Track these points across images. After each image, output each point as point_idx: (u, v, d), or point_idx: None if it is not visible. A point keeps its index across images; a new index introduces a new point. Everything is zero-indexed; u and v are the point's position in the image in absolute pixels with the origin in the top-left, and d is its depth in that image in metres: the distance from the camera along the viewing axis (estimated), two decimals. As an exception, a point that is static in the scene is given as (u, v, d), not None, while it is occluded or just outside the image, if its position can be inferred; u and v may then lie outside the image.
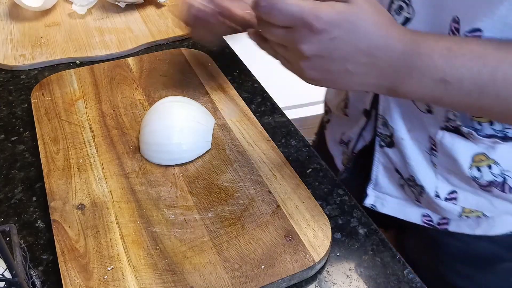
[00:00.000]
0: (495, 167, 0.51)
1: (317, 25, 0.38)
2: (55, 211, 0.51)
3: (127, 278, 0.45)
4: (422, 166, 0.56)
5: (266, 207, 0.52)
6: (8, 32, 0.85)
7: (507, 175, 0.51)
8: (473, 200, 0.55)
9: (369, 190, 0.63)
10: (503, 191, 0.52)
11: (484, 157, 0.51)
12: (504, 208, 0.55)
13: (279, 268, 0.46)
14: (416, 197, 0.59)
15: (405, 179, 0.59)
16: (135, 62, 0.75)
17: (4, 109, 0.70)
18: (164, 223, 0.50)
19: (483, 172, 0.51)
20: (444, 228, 0.60)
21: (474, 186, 0.54)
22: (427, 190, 0.57)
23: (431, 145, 0.54)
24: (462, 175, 0.53)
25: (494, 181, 0.52)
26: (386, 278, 0.48)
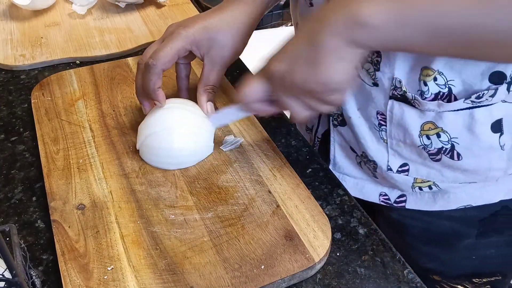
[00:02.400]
0: (443, 135, 0.52)
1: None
2: (55, 211, 0.51)
3: (127, 278, 0.45)
4: (372, 142, 0.57)
5: (266, 207, 0.52)
6: (8, 32, 0.85)
7: (455, 141, 0.52)
8: (424, 171, 0.56)
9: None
10: (452, 157, 0.53)
11: (432, 125, 0.52)
12: (453, 177, 0.56)
13: (279, 268, 0.46)
14: (372, 172, 0.60)
15: (359, 156, 0.60)
16: (135, 62, 0.75)
17: (4, 109, 0.70)
18: (164, 223, 0.50)
19: (432, 140, 0.53)
20: (402, 205, 0.61)
21: (424, 156, 0.55)
22: (380, 164, 0.58)
23: (379, 120, 0.55)
24: (413, 145, 0.54)
25: (443, 148, 0.53)
26: (386, 278, 0.48)
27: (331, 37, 0.41)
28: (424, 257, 0.66)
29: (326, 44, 0.41)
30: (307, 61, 0.43)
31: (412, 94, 0.50)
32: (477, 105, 0.49)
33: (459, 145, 0.52)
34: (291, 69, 0.44)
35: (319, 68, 0.42)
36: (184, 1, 0.95)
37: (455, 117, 0.51)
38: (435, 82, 0.49)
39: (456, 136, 0.52)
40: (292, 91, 0.46)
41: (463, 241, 0.63)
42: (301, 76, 0.43)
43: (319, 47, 0.42)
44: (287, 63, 0.45)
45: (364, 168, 0.61)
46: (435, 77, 0.49)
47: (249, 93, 0.49)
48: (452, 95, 0.50)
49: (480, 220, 0.61)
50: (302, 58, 0.43)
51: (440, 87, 0.49)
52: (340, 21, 0.40)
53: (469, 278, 0.65)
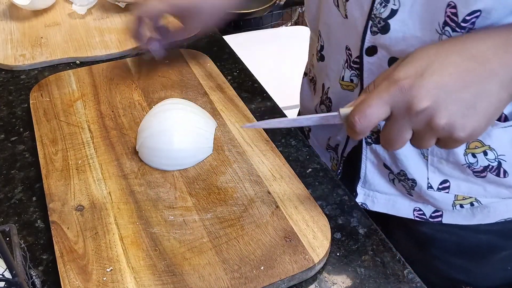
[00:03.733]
0: (490, 153, 0.51)
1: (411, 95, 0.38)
2: (54, 212, 0.51)
3: (126, 279, 0.45)
4: (412, 159, 0.55)
5: (266, 208, 0.52)
6: (8, 32, 0.85)
7: (502, 159, 0.51)
8: (465, 188, 0.55)
9: (358, 188, 0.63)
10: (498, 175, 0.52)
11: (479, 144, 0.50)
12: (496, 192, 0.54)
13: (279, 269, 0.46)
14: (407, 190, 0.59)
15: (395, 174, 0.59)
16: (134, 62, 0.75)
17: (4, 109, 0.70)
18: (163, 224, 0.50)
19: (478, 158, 0.51)
20: (438, 220, 0.60)
21: (467, 173, 0.54)
22: (419, 182, 0.56)
23: None
24: (456, 163, 0.53)
25: (489, 166, 0.52)
26: (386, 278, 0.48)
27: (501, 90, 0.38)
28: (453, 269, 0.64)
29: (495, 96, 0.38)
30: (468, 106, 0.38)
31: None
32: None
33: (506, 162, 0.51)
34: (443, 109, 0.38)
35: (480, 118, 0.38)
36: (184, 1, 0.95)
37: (503, 134, 0.50)
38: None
39: (503, 153, 0.50)
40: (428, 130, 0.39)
41: (500, 253, 0.61)
42: (455, 121, 0.38)
43: (487, 97, 0.38)
44: (438, 100, 0.38)
45: (397, 185, 0.60)
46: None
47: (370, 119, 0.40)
48: (503, 115, 0.49)
49: None
50: (461, 102, 0.38)
51: None
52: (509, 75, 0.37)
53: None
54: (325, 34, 0.60)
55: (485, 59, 0.38)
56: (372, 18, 0.50)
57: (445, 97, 0.38)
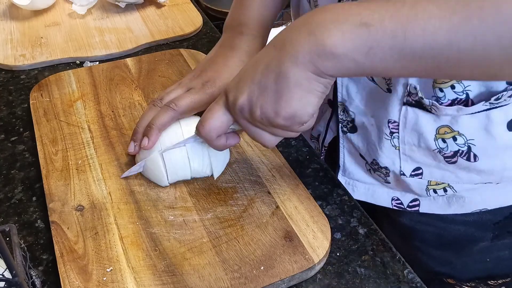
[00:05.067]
0: (460, 138, 0.52)
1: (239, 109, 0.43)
2: (54, 212, 0.51)
3: (126, 279, 0.45)
4: (384, 149, 0.56)
5: (266, 208, 0.52)
6: (8, 32, 0.85)
7: (472, 143, 0.52)
8: (438, 174, 0.56)
9: (339, 176, 0.64)
10: (468, 159, 0.53)
11: (448, 129, 0.51)
12: (468, 178, 0.55)
13: (279, 269, 0.46)
14: (383, 179, 0.60)
15: (369, 163, 0.60)
16: (134, 62, 0.75)
17: (4, 109, 0.70)
18: (163, 224, 0.50)
19: (448, 143, 0.52)
20: (415, 210, 0.61)
21: (438, 159, 0.54)
22: (392, 170, 0.57)
23: (391, 129, 0.54)
24: (427, 149, 0.54)
25: (459, 151, 0.52)
26: (386, 278, 0.48)
27: (297, 69, 0.39)
28: (435, 261, 0.65)
29: (292, 76, 0.39)
30: (272, 94, 0.40)
31: (429, 101, 0.50)
32: (493, 106, 0.49)
33: (475, 146, 0.52)
34: (255, 102, 0.42)
35: (286, 102, 0.40)
36: (184, 1, 0.95)
37: (471, 119, 0.50)
38: (452, 90, 0.49)
39: (473, 137, 0.51)
40: (258, 123, 0.43)
41: (478, 244, 0.62)
42: (267, 111, 0.41)
43: (284, 79, 0.39)
44: (249, 95, 0.42)
45: (374, 175, 0.61)
46: (452, 85, 0.48)
47: (213, 128, 0.46)
48: (469, 100, 0.49)
49: (495, 223, 0.60)
50: (266, 91, 0.41)
51: (457, 94, 0.49)
52: (306, 52, 0.38)
53: (484, 281, 0.65)
54: None
55: (283, 45, 0.40)
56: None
57: (255, 90, 0.41)
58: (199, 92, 0.56)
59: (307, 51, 0.38)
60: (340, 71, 0.38)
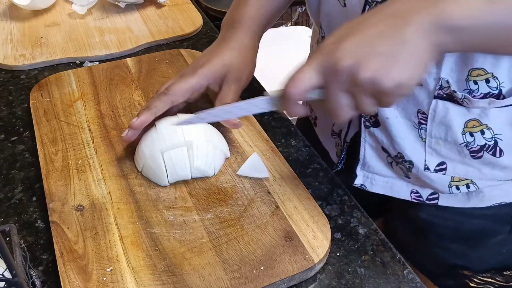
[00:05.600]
0: (487, 132, 0.51)
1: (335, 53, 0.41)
2: (54, 212, 0.51)
3: (126, 279, 0.45)
4: (410, 141, 0.56)
5: (266, 208, 0.52)
6: (8, 32, 0.85)
7: (498, 138, 0.52)
8: (462, 170, 0.56)
9: (358, 170, 0.63)
10: (494, 154, 0.53)
11: (477, 123, 0.51)
12: (492, 175, 0.55)
13: (279, 269, 0.46)
14: (405, 173, 0.60)
15: (393, 157, 0.59)
16: (134, 62, 0.75)
17: (4, 109, 0.70)
18: (163, 224, 0.50)
19: (475, 137, 0.52)
20: (434, 203, 0.60)
21: (464, 154, 0.54)
22: (416, 164, 0.57)
23: (420, 119, 0.54)
24: (454, 143, 0.54)
25: (486, 145, 0.52)
26: (386, 278, 0.48)
27: (419, 37, 0.38)
28: (451, 254, 0.65)
29: (414, 43, 0.38)
30: (388, 57, 0.39)
31: (462, 94, 0.49)
32: None
33: (502, 141, 0.52)
34: (365, 63, 0.39)
35: (402, 68, 0.39)
36: (184, 1, 0.95)
37: (500, 113, 0.50)
38: (487, 84, 0.49)
39: (500, 132, 0.52)
40: (356, 89, 0.41)
41: (495, 237, 0.63)
42: (377, 73, 0.39)
43: (405, 45, 0.38)
44: (359, 56, 0.40)
45: (395, 168, 0.60)
46: (487, 79, 0.48)
47: (303, 88, 0.43)
48: (501, 95, 0.49)
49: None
50: (381, 54, 0.39)
51: (491, 88, 0.49)
52: (429, 22, 0.38)
53: (499, 272, 0.65)
54: (325, 25, 0.61)
55: (402, 14, 0.39)
56: (369, 3, 0.50)
57: (366, 53, 0.39)
58: (190, 76, 0.58)
59: (431, 21, 0.38)
60: (458, 45, 0.39)
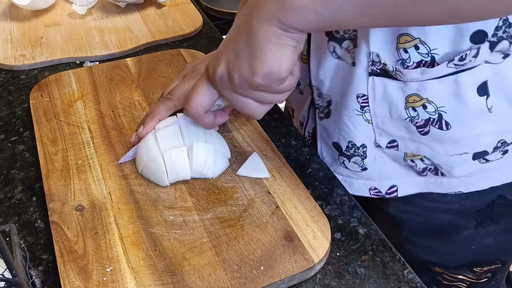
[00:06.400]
0: (429, 106, 0.51)
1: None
2: (54, 212, 0.51)
3: (126, 279, 0.45)
4: (358, 126, 0.56)
5: (266, 208, 0.52)
6: (8, 32, 0.85)
7: (442, 111, 0.51)
8: (413, 147, 0.56)
9: None
10: (440, 128, 0.52)
11: (417, 97, 0.51)
12: (444, 151, 0.55)
13: (279, 269, 0.46)
14: (360, 165, 0.60)
15: (344, 150, 0.59)
16: (134, 62, 0.75)
17: (4, 109, 0.70)
18: (163, 224, 0.50)
19: (418, 112, 0.52)
20: (394, 195, 0.61)
21: (411, 131, 0.54)
22: (369, 145, 0.57)
23: (361, 104, 0.54)
24: (399, 119, 0.53)
25: (430, 119, 0.52)
26: (386, 278, 0.48)
27: (264, 26, 0.40)
28: (422, 250, 0.66)
29: (261, 34, 0.40)
30: (246, 55, 0.42)
31: (392, 66, 0.49)
32: (460, 69, 0.48)
33: (446, 113, 0.51)
34: (232, 67, 0.43)
35: (261, 60, 0.41)
36: (184, 1, 0.95)
37: (439, 85, 0.50)
38: (417, 51, 0.48)
39: (443, 104, 0.51)
40: (239, 89, 0.44)
41: (462, 232, 0.63)
42: (244, 72, 0.42)
43: (254, 38, 0.41)
44: (226, 62, 0.44)
45: (350, 165, 0.61)
46: (416, 45, 0.48)
47: (199, 103, 0.48)
48: (434, 63, 0.49)
49: (477, 211, 0.61)
50: (240, 54, 0.42)
51: (422, 56, 0.48)
52: (269, 8, 0.40)
53: (470, 268, 0.66)
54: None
55: (250, 8, 0.42)
56: None
57: (230, 56, 0.43)
58: (190, 78, 0.58)
59: (271, 7, 0.40)
60: (304, 24, 0.40)
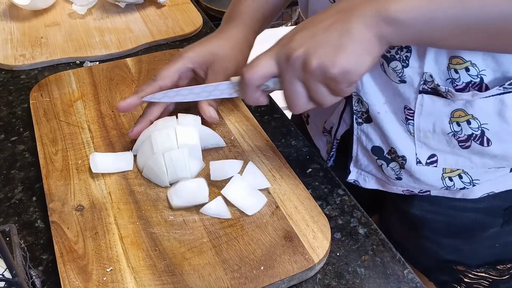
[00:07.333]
0: (474, 122, 0.52)
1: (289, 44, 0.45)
2: (54, 212, 0.51)
3: (126, 279, 0.45)
4: (400, 136, 0.57)
5: (266, 208, 0.52)
6: (8, 32, 0.85)
7: (485, 128, 0.52)
8: (452, 160, 0.56)
9: (351, 167, 0.64)
10: (481, 144, 0.53)
11: (463, 113, 0.52)
12: (482, 163, 0.56)
13: (279, 269, 0.46)
14: (396, 173, 0.60)
15: (385, 154, 0.60)
16: (134, 62, 0.75)
17: (4, 109, 0.70)
18: (163, 224, 0.50)
19: (462, 127, 0.53)
20: (426, 194, 0.61)
21: (452, 145, 0.55)
22: (409, 158, 0.57)
23: (406, 115, 0.55)
24: (442, 133, 0.54)
25: (473, 135, 0.53)
26: (386, 278, 0.48)
27: (363, 28, 0.42)
28: (444, 249, 0.66)
29: (358, 34, 0.42)
30: (333, 47, 0.43)
31: (445, 88, 0.50)
32: (508, 91, 0.49)
33: (489, 131, 0.52)
34: (314, 52, 0.43)
35: (347, 55, 0.42)
36: (184, 1, 0.95)
37: (485, 103, 0.51)
38: (467, 73, 0.49)
39: (486, 122, 0.52)
40: (307, 76, 0.44)
41: (488, 231, 0.63)
42: (325, 61, 0.43)
43: (349, 35, 0.42)
44: (310, 46, 0.44)
45: (386, 171, 0.61)
46: (467, 67, 0.49)
47: (259, 74, 0.47)
48: (483, 84, 0.50)
49: (505, 209, 0.61)
50: (329, 44, 0.43)
51: (472, 77, 0.49)
52: (372, 15, 0.42)
53: (493, 266, 0.66)
54: None
55: (348, 9, 0.43)
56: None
57: (315, 43, 0.44)
58: (176, 59, 0.60)
59: (374, 14, 0.42)
60: (400, 38, 0.43)
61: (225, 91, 0.54)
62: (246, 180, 0.53)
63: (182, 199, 0.51)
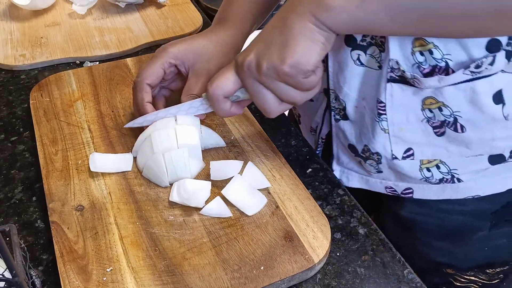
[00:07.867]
0: (445, 109, 0.52)
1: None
2: (54, 212, 0.51)
3: (126, 279, 0.45)
4: (374, 132, 0.57)
5: (266, 208, 0.52)
6: (8, 32, 0.85)
7: (457, 115, 0.52)
8: (429, 151, 0.56)
9: (334, 165, 0.65)
10: (455, 130, 0.53)
11: (433, 100, 0.52)
12: (458, 151, 0.56)
13: (279, 269, 0.46)
14: (375, 168, 0.60)
15: (360, 153, 0.60)
16: (134, 62, 0.75)
17: (4, 109, 0.70)
18: (163, 224, 0.50)
19: (435, 113, 0.53)
20: (409, 196, 0.61)
21: (427, 132, 0.54)
22: (384, 155, 0.57)
23: (378, 109, 0.55)
24: (416, 120, 0.54)
25: (446, 121, 0.53)
26: (386, 278, 0.48)
27: (298, 19, 0.43)
28: (435, 252, 0.66)
29: (295, 26, 0.44)
30: (278, 45, 0.44)
31: (410, 73, 0.50)
32: (477, 76, 0.49)
33: (462, 118, 0.52)
34: (262, 55, 0.45)
35: (291, 49, 0.44)
36: (184, 1, 0.95)
37: (455, 91, 0.50)
38: (432, 56, 0.49)
39: (459, 110, 0.52)
40: (264, 78, 0.46)
41: (477, 234, 0.63)
42: (273, 60, 0.44)
43: (288, 30, 0.44)
44: (257, 51, 0.46)
45: (366, 166, 0.61)
46: (430, 50, 0.49)
47: (221, 86, 0.49)
48: (449, 69, 0.49)
49: (492, 212, 0.61)
50: (272, 44, 0.45)
51: (436, 60, 0.49)
52: (306, 4, 0.43)
53: (482, 269, 0.66)
54: None
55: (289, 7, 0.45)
56: None
57: (262, 46, 0.46)
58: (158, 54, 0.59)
59: (308, 4, 0.43)
60: (337, 23, 0.43)
61: (200, 108, 0.56)
62: (246, 180, 0.53)
63: (181, 196, 0.51)
